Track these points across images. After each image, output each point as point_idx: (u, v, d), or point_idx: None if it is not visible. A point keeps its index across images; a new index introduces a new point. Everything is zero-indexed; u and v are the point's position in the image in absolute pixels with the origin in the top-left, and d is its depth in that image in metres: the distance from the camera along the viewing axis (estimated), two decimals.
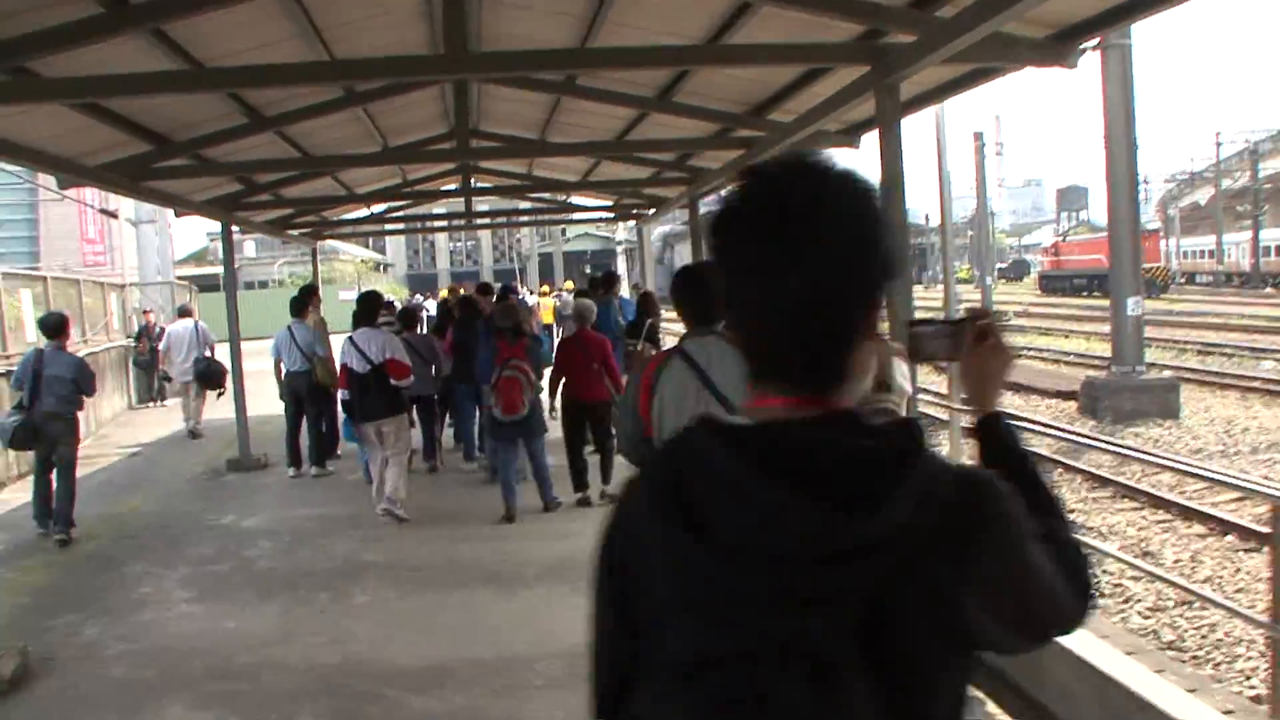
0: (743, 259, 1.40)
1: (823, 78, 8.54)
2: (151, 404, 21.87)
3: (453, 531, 9.55)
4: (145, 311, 22.46)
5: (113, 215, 27.65)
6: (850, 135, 10.19)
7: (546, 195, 19.77)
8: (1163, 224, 77.72)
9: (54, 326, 10.04)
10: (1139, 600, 8.56)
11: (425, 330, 14.49)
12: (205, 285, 56.81)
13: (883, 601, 1.28)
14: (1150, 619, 8.22)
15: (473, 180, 15.22)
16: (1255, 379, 20.40)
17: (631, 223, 21.09)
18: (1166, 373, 19.76)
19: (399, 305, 16.70)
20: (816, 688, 1.27)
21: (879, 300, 1.43)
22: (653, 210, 18.54)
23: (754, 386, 1.45)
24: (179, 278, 38.58)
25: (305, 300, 12.57)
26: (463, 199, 18.77)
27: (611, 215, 20.89)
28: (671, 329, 12.57)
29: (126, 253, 28.96)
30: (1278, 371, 21.90)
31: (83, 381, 9.88)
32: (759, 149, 10.36)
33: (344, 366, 10.07)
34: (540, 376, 9.82)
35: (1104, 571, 8.77)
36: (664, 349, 4.67)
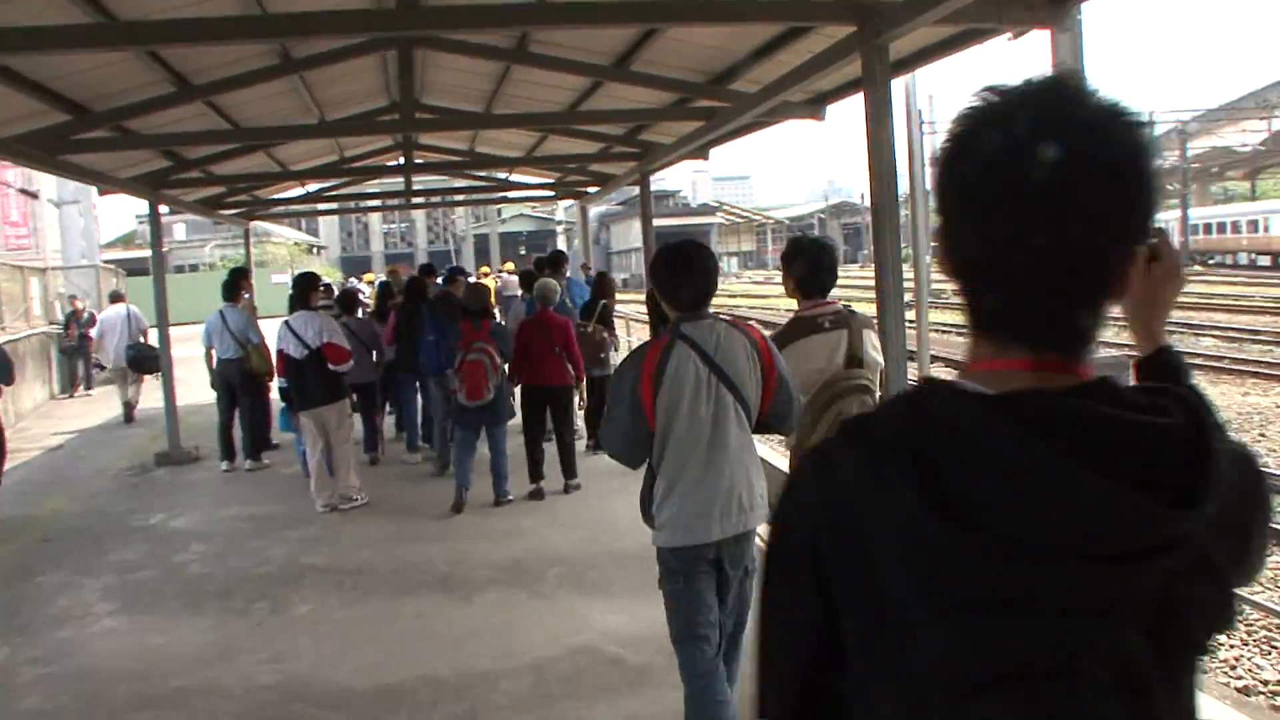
0: (996, 193, 1.16)
1: (792, 43, 8.02)
2: (75, 393, 21.00)
3: (399, 529, 8.95)
4: (72, 298, 21.59)
5: (33, 195, 26.46)
6: (815, 105, 9.69)
7: (488, 174, 19.16)
8: None
9: None
10: None
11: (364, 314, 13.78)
12: (134, 269, 55.52)
13: (1171, 599, 1.13)
14: None
15: (414, 157, 14.45)
16: (1199, 355, 20.49)
17: (570, 203, 20.51)
18: (1110, 352, 19.58)
19: (336, 289, 16.02)
20: (1128, 704, 1.11)
21: (1136, 254, 1.21)
22: (597, 189, 17.96)
23: (978, 344, 1.26)
24: (106, 261, 37.40)
25: (237, 284, 11.86)
26: (402, 177, 18.08)
27: (553, 194, 20.17)
28: (627, 313, 12.08)
29: (49, 235, 27.83)
30: (1217, 348, 22.17)
31: None
32: (719, 120, 9.85)
33: (280, 352, 9.57)
34: (505, 360, 9.24)
35: None
36: (664, 335, 4.21)
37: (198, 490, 10.95)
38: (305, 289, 9.63)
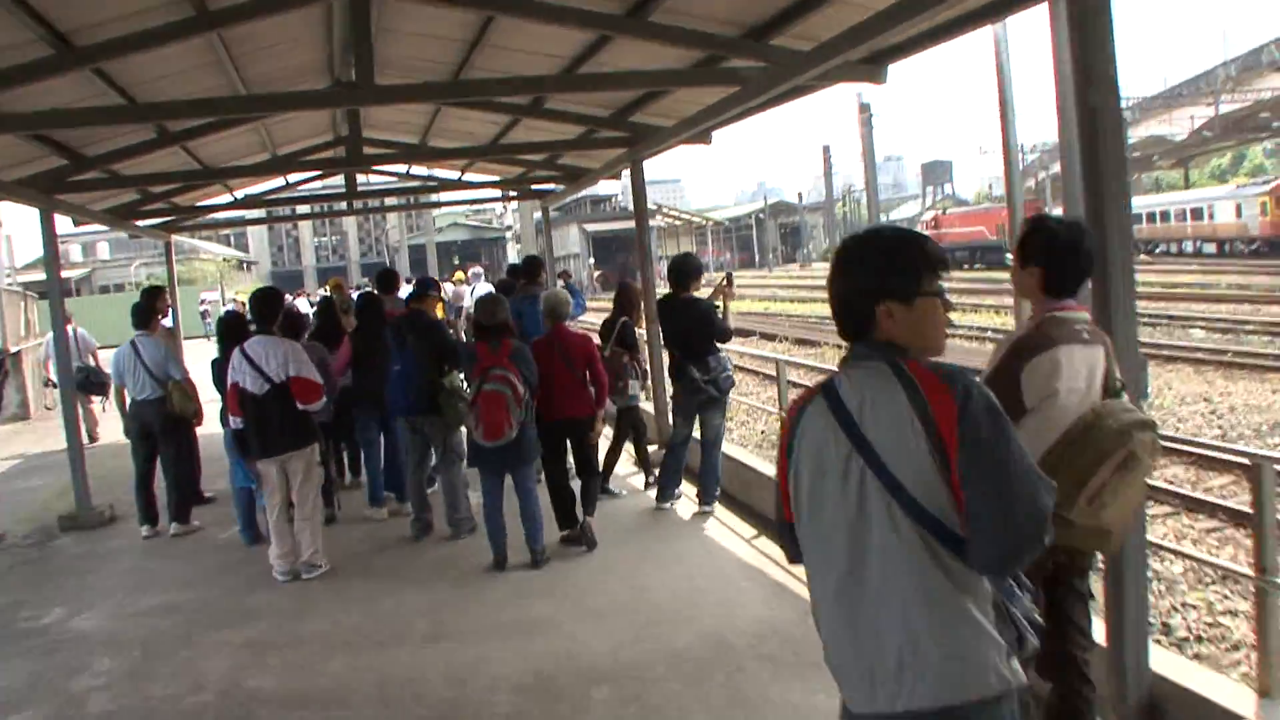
0: None
1: None
2: None
3: (376, 621, 6.85)
4: None
5: None
6: (875, 66, 7.77)
7: (438, 174, 17.03)
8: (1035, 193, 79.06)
9: None
10: None
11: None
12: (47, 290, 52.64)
13: None
14: None
15: (360, 150, 12.21)
16: (1197, 350, 19.31)
17: (513, 206, 18.35)
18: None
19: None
20: None
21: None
22: (560, 186, 15.84)
23: None
24: (22, 284, 34.62)
25: (151, 306, 9.67)
26: (343, 176, 15.92)
27: (514, 194, 17.96)
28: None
29: None
30: (1212, 340, 20.92)
31: None
32: (754, 87, 7.85)
33: (234, 386, 7.59)
34: (531, 389, 7.45)
35: None
36: (811, 386, 2.64)
37: (110, 568, 8.73)
38: (269, 309, 7.90)
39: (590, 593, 7.05)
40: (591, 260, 72.06)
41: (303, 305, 19.95)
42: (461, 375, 8.31)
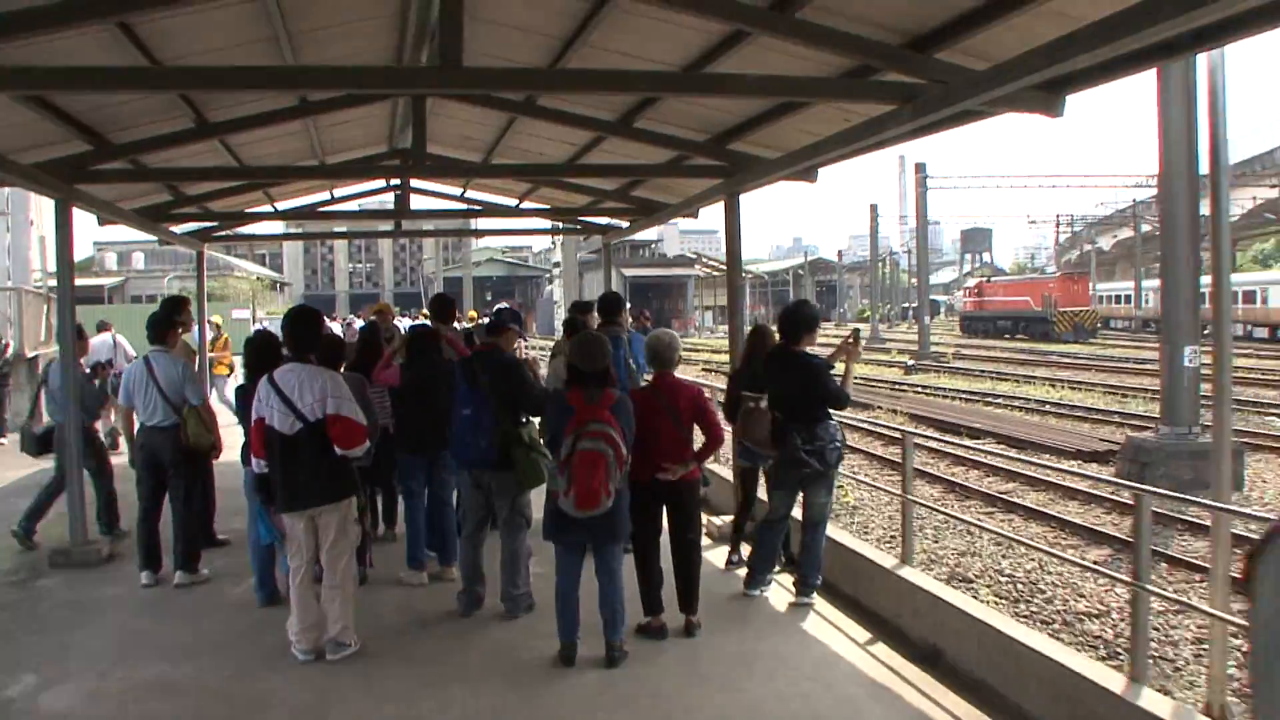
0: None
1: None
2: None
3: None
4: None
5: None
6: (1052, 94, 6.44)
7: (493, 200, 15.76)
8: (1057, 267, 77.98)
9: None
10: None
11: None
12: (86, 297, 51.88)
13: None
14: None
15: (417, 163, 10.94)
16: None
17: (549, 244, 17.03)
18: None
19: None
20: None
21: None
22: (629, 222, 14.58)
23: None
24: (49, 287, 33.62)
25: (170, 319, 8.40)
26: (393, 195, 14.71)
27: (574, 227, 16.63)
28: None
29: None
30: None
31: None
32: (915, 108, 6.54)
33: (259, 422, 6.25)
34: (629, 447, 6.17)
35: None
36: None
37: (99, 623, 7.37)
38: (306, 332, 6.54)
39: (683, 708, 5.68)
40: (628, 305, 71.17)
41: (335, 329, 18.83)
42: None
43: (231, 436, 8.01)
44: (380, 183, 15.33)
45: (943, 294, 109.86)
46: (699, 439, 6.85)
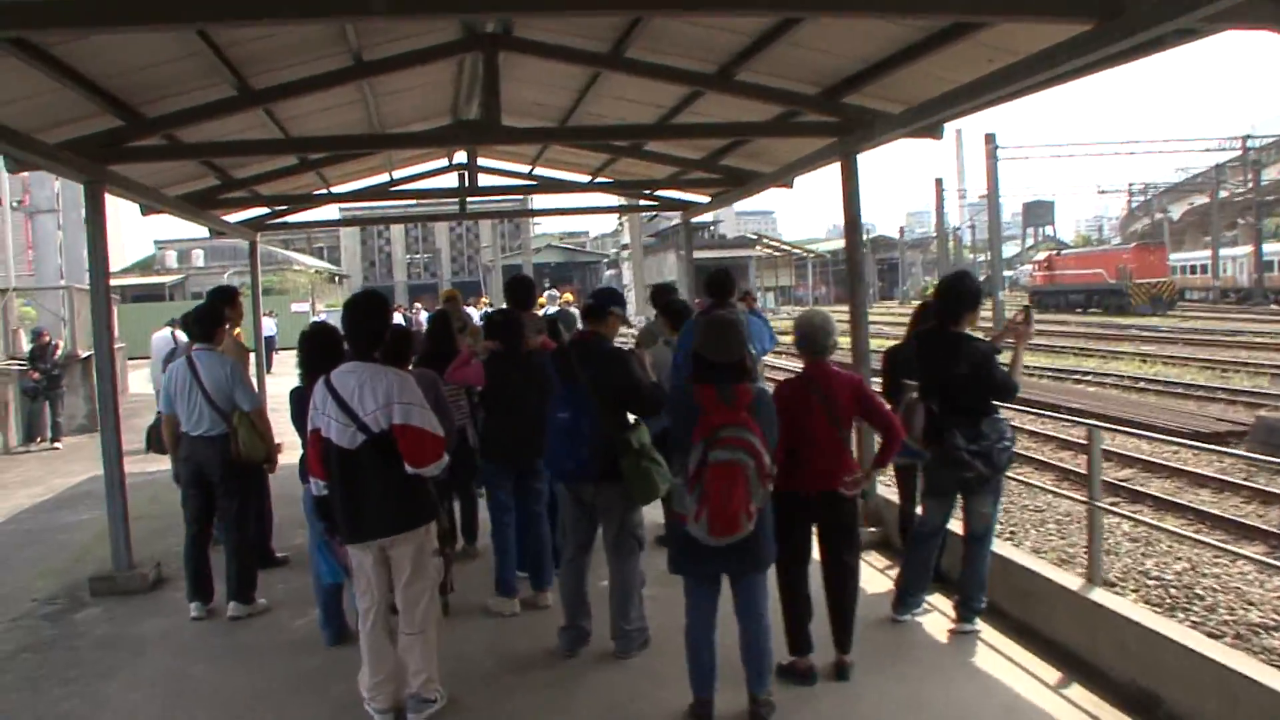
0: None
1: None
2: (36, 445, 16.74)
3: None
4: (41, 334, 17.25)
5: None
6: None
7: (564, 177, 14.56)
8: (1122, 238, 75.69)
9: None
10: None
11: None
12: (146, 294, 51.61)
13: None
14: None
15: (495, 125, 9.68)
16: None
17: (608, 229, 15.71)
18: None
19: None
20: None
21: None
22: (713, 194, 13.27)
23: None
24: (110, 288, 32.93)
25: (216, 312, 7.31)
26: (459, 173, 13.58)
27: (652, 205, 15.27)
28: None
29: (43, 253, 23.41)
30: None
31: None
32: (1121, 26, 5.24)
33: (316, 435, 5.13)
34: (772, 455, 4.92)
35: None
36: None
37: (141, 669, 6.30)
38: (371, 324, 5.23)
39: None
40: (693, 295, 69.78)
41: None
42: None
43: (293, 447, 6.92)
44: (442, 162, 14.26)
45: (1004, 268, 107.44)
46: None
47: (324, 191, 13.40)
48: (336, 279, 77.42)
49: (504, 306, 7.52)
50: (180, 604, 7.29)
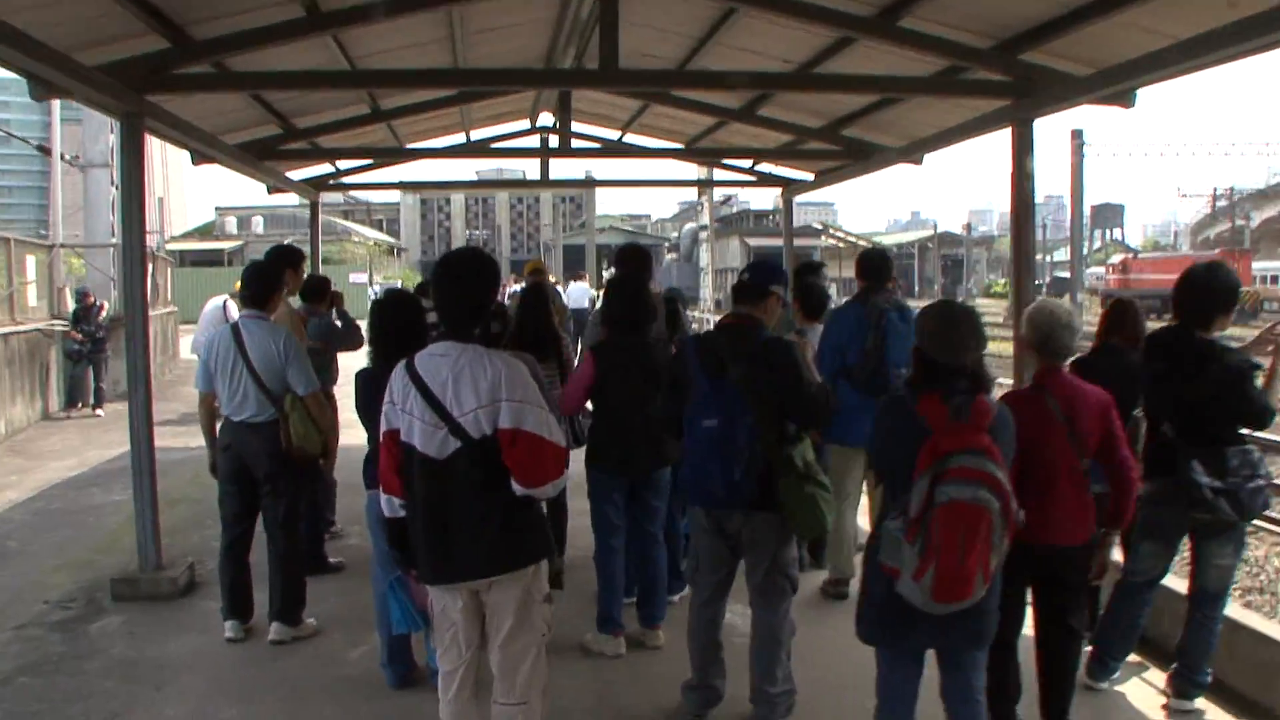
0: None
1: None
2: (77, 411, 15.74)
3: None
4: (85, 294, 16.20)
5: (44, 151, 21.02)
6: None
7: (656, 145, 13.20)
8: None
9: None
10: None
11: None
12: (204, 259, 51.08)
13: None
14: None
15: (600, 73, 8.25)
16: None
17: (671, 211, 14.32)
18: None
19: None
20: None
21: None
22: (806, 175, 11.84)
23: None
24: (170, 252, 32.31)
25: (274, 274, 6.05)
26: (541, 136, 12.32)
27: (750, 178, 13.80)
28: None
29: (94, 210, 22.39)
30: None
31: None
32: None
33: (391, 437, 3.81)
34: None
35: None
36: None
37: (160, 703, 5.08)
38: (474, 295, 3.82)
39: None
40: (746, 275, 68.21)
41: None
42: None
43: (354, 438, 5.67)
44: (524, 124, 13.00)
45: (1068, 270, 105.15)
46: None
47: (394, 147, 12.09)
48: (395, 251, 76.81)
49: (617, 277, 6.14)
50: (214, 617, 6.06)
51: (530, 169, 30.77)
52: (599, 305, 6.93)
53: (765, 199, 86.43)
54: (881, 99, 8.90)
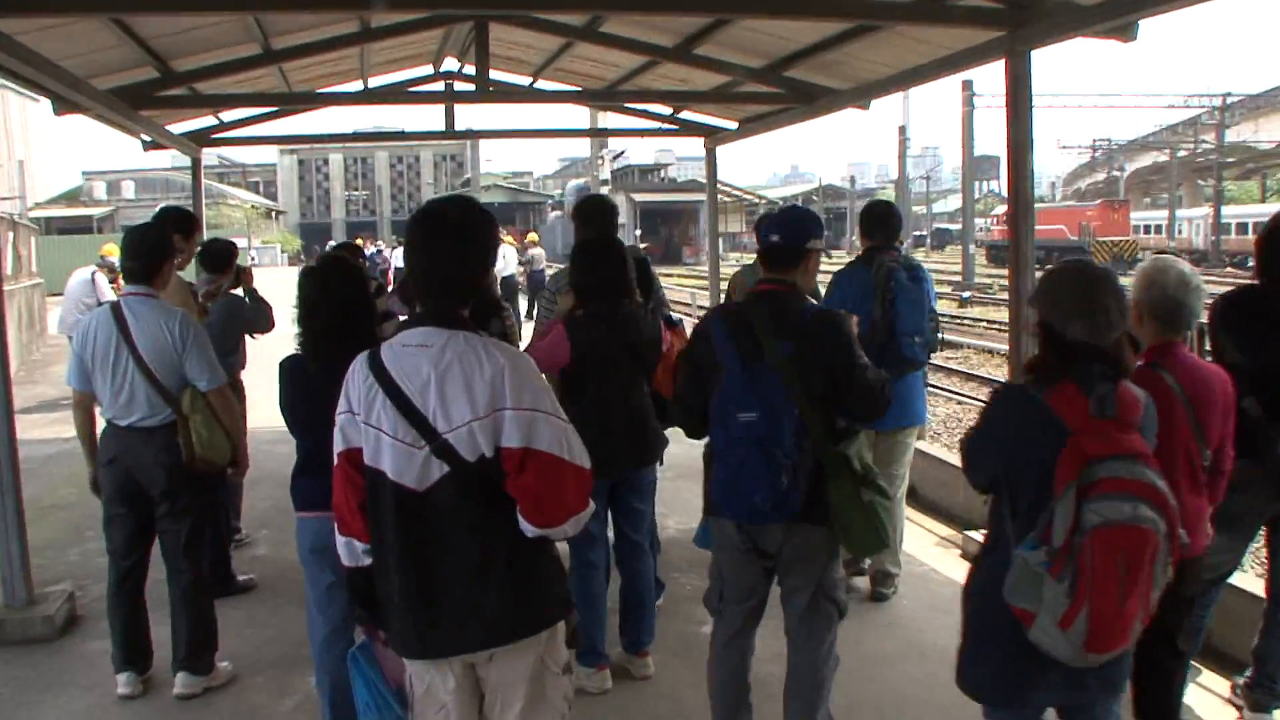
0: None
1: None
2: None
3: None
4: None
5: None
6: None
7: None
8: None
9: None
10: None
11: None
12: (72, 227, 48.33)
13: None
14: None
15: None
16: None
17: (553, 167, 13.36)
18: None
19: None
20: None
21: None
22: (783, 108, 10.76)
23: None
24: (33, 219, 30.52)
25: (163, 243, 4.83)
26: (445, 83, 11.19)
27: (672, 127, 12.83)
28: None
29: None
30: None
31: None
32: None
33: (348, 459, 2.79)
34: None
35: None
36: None
37: None
38: (459, 259, 2.78)
39: None
40: (638, 232, 67.41)
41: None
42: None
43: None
44: (426, 69, 11.85)
45: (947, 222, 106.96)
46: None
47: (286, 92, 10.76)
48: (273, 214, 74.25)
49: (589, 237, 5.09)
50: (102, 665, 4.91)
51: (432, 119, 29.08)
52: (553, 272, 5.92)
53: (648, 154, 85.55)
54: (837, 33, 7.98)
